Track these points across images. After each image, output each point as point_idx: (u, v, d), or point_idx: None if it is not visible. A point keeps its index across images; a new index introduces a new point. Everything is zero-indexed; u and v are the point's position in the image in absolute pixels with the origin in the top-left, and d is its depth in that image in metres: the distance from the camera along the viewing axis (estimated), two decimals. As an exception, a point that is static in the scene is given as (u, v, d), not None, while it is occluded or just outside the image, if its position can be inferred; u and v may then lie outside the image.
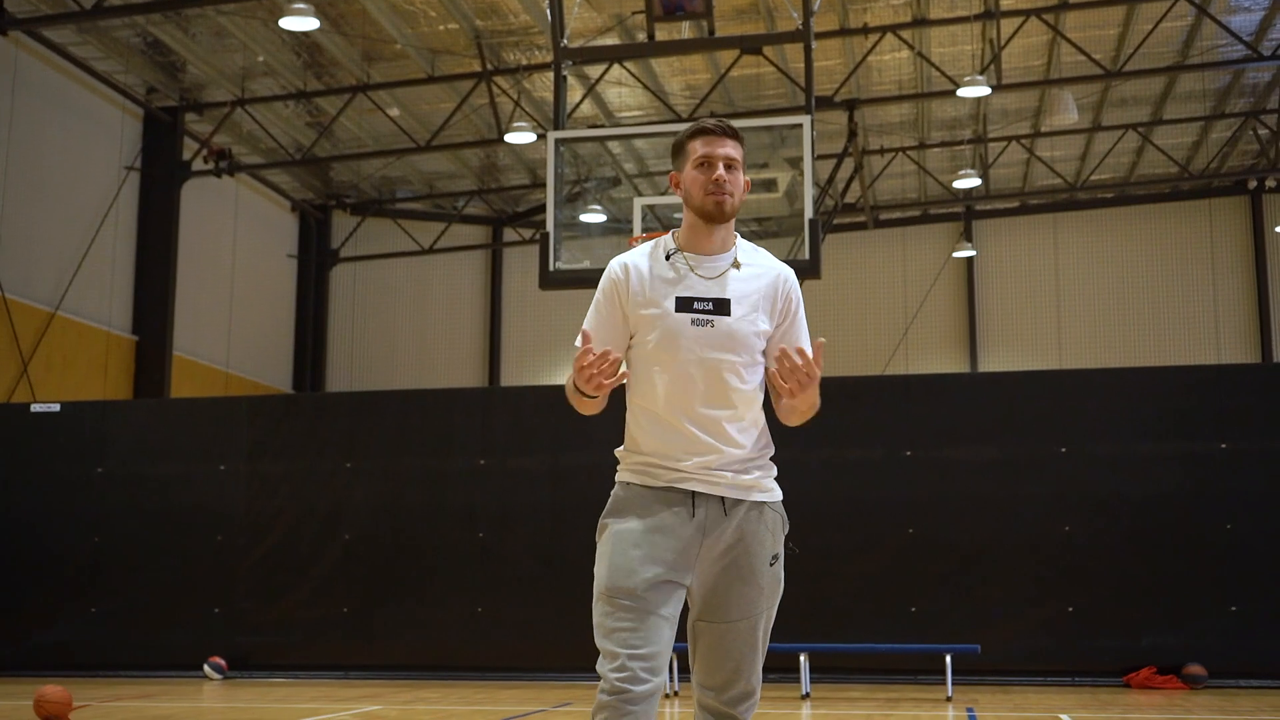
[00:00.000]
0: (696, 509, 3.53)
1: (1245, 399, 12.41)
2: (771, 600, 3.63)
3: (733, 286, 3.62)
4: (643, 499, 3.56)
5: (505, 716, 9.49)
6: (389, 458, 13.67)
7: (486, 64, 18.53)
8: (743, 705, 3.60)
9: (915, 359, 24.06)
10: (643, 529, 3.51)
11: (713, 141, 3.65)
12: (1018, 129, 21.70)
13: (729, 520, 3.55)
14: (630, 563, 3.47)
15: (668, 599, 3.48)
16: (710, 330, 3.55)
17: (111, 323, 19.44)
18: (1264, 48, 18.30)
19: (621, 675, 3.38)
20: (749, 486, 3.59)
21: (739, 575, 3.54)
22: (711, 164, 3.61)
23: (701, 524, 3.53)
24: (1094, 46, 18.29)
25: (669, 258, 3.66)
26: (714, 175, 3.60)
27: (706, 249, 3.67)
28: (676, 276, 3.62)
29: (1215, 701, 10.57)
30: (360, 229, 24.90)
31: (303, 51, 18.63)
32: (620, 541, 3.52)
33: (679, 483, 3.54)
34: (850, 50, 18.62)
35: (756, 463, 3.65)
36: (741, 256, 3.69)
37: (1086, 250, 24.57)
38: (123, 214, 19.65)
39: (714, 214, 3.62)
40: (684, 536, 3.51)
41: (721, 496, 3.55)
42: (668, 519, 3.52)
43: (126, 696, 11.09)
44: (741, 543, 3.55)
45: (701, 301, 3.59)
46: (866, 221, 23.71)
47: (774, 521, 3.64)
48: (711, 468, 3.54)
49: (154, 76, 19.36)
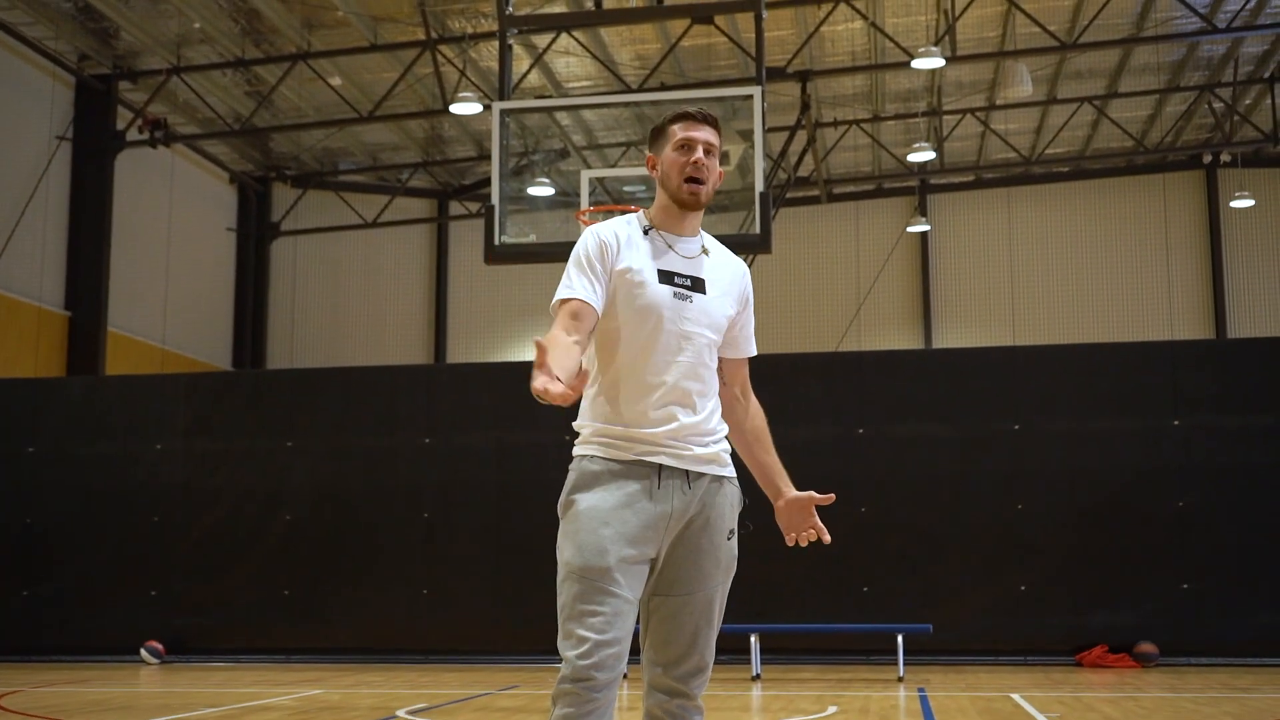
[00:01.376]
0: (663, 482, 3.54)
1: (1198, 375, 12.36)
2: (727, 575, 3.65)
3: (707, 269, 3.70)
4: (609, 473, 3.54)
5: (450, 700, 9.35)
6: (331, 436, 13.45)
7: (431, 32, 18.18)
8: (695, 680, 3.58)
9: (868, 335, 23.97)
10: (611, 505, 3.50)
11: (693, 126, 3.71)
12: (972, 101, 21.58)
13: (693, 494, 3.57)
14: (601, 541, 3.45)
15: (635, 579, 3.48)
16: (690, 305, 3.62)
17: (43, 297, 18.98)
18: (1219, 20, 18.22)
19: (588, 662, 3.35)
20: (711, 460, 3.62)
21: (699, 548, 3.56)
22: (691, 146, 3.67)
23: (668, 497, 3.54)
24: (1049, 18, 18.16)
25: (647, 233, 3.72)
26: (693, 157, 3.66)
27: (679, 230, 3.73)
28: (656, 251, 3.68)
29: (1166, 679, 10.58)
30: (301, 202, 24.47)
31: (241, 18, 18.19)
32: (589, 519, 3.50)
33: (647, 455, 3.55)
34: (803, 20, 18.40)
35: (717, 438, 3.68)
36: (708, 244, 3.79)
37: (1041, 225, 24.54)
38: (54, 185, 19.16)
39: (687, 201, 3.68)
40: (652, 512, 3.51)
41: (686, 470, 3.57)
42: (636, 494, 3.52)
43: (60, 682, 10.95)
44: (703, 515, 3.58)
45: (681, 277, 3.65)
46: (820, 195, 23.57)
47: (733, 496, 3.67)
48: (676, 439, 3.56)
49: (86, 43, 18.86)
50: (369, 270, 25.39)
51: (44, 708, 8.84)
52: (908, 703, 9.12)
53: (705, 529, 3.58)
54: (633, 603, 3.46)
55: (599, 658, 3.35)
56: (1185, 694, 9.46)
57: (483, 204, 23.13)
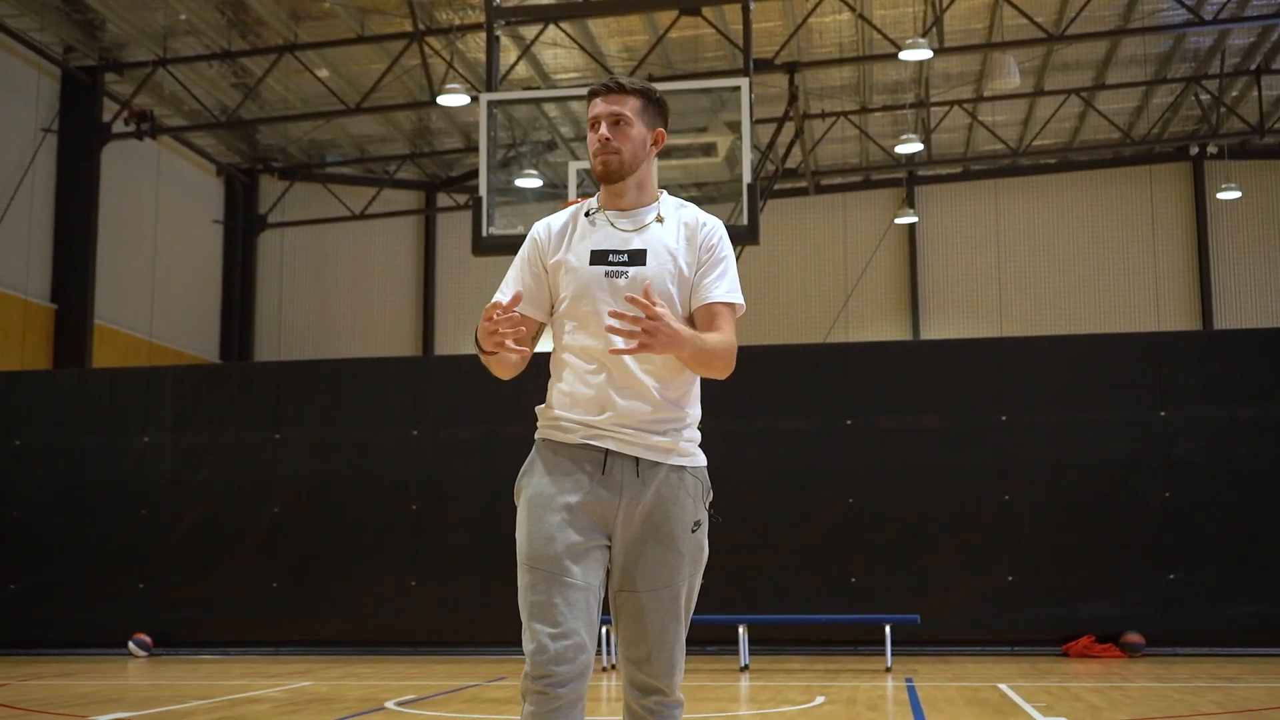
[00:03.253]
0: (609, 467, 3.44)
1: (1184, 366, 12.39)
2: (694, 568, 3.53)
3: (652, 238, 3.57)
4: (556, 457, 3.49)
5: (438, 691, 9.36)
6: (319, 429, 13.42)
7: (418, 24, 18.13)
8: (668, 679, 3.50)
9: (856, 327, 23.97)
10: (557, 490, 3.44)
11: (594, 104, 3.63)
12: (960, 93, 21.58)
13: (645, 484, 3.45)
14: (548, 529, 3.41)
15: (589, 565, 3.41)
16: (625, 281, 3.49)
17: (29, 290, 18.91)
18: (1205, 11, 18.25)
19: (546, 657, 3.30)
20: (666, 449, 3.48)
21: (658, 541, 3.45)
22: (595, 124, 3.61)
23: (617, 483, 3.44)
24: (1036, 9, 18.16)
25: (589, 215, 3.64)
26: (596, 136, 3.59)
27: (621, 205, 3.63)
28: (594, 232, 3.60)
29: (1153, 669, 10.60)
30: (288, 194, 24.40)
31: (227, 9, 18.12)
32: (535, 505, 3.46)
33: (591, 439, 3.46)
34: (791, 12, 18.39)
35: (675, 424, 3.53)
36: (665, 211, 3.64)
37: (1028, 216, 24.57)
38: (40, 178, 19.08)
39: (601, 175, 3.60)
40: (599, 496, 3.43)
41: (636, 457, 3.46)
42: (581, 479, 3.45)
43: (47, 675, 10.91)
44: (660, 508, 3.46)
45: (617, 254, 3.54)
46: (807, 187, 23.57)
47: (695, 487, 3.53)
48: (625, 425, 3.45)
49: (71, 34, 18.78)
50: (357, 262, 25.32)
51: (32, 701, 8.82)
52: (895, 693, 9.13)
53: (666, 521, 3.46)
54: (589, 587, 3.38)
55: (555, 651, 3.29)
56: (1171, 684, 9.48)
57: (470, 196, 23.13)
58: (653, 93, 3.65)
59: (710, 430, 12.31)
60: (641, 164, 3.60)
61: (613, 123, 3.58)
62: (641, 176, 3.62)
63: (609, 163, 3.57)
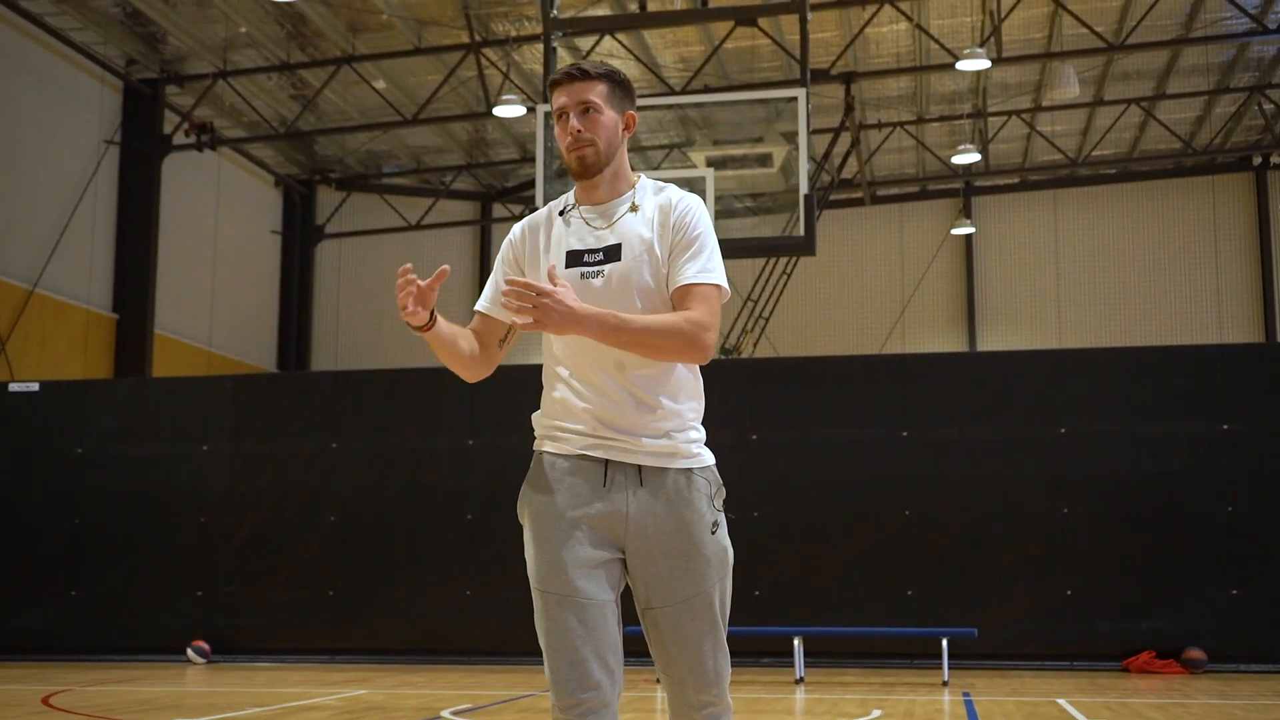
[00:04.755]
0: (610, 478, 3.27)
1: (1247, 379, 12.21)
2: (722, 571, 3.33)
3: (627, 229, 3.37)
4: (554, 469, 3.33)
5: (493, 700, 9.34)
6: (374, 438, 13.47)
7: (475, 35, 18.23)
8: (714, 689, 3.33)
9: (912, 338, 23.83)
10: (559, 506, 3.28)
11: (564, 91, 3.40)
12: (1018, 103, 21.42)
13: (652, 494, 3.27)
14: (555, 550, 3.26)
15: (602, 581, 3.25)
16: (601, 282, 3.30)
17: (91, 300, 19.15)
18: (1270, 20, 18.02)
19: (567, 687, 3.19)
20: (669, 453, 3.29)
21: (680, 551, 3.26)
22: (565, 115, 3.38)
23: (622, 495, 3.27)
24: (1096, 19, 18.01)
25: (564, 214, 3.46)
26: (566, 129, 3.38)
27: (595, 199, 3.43)
28: (570, 231, 3.42)
29: (1215, 686, 10.44)
30: (345, 204, 24.58)
31: (286, 22, 18.30)
32: (540, 526, 3.31)
33: (588, 449, 3.29)
34: (847, 22, 18.33)
35: (674, 424, 3.33)
36: (639, 198, 3.43)
37: (1087, 227, 24.34)
38: (102, 189, 19.33)
39: (577, 171, 3.39)
40: (604, 510, 3.26)
41: (638, 465, 3.28)
42: (583, 492, 3.28)
43: (108, 681, 11.00)
44: (674, 515, 3.27)
45: (592, 253, 3.35)
46: (863, 198, 23.47)
47: (705, 488, 3.34)
48: (621, 432, 3.28)
49: (134, 48, 19.03)
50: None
51: (92, 706, 8.90)
52: (952, 707, 9.05)
53: (682, 529, 3.27)
54: (605, 604, 3.22)
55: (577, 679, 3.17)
56: (1234, 701, 9.33)
57: (526, 206, 23.24)
58: (618, 74, 3.45)
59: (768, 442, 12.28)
60: (616, 152, 3.41)
61: (581, 112, 3.37)
62: (617, 165, 3.42)
63: (585, 156, 3.36)
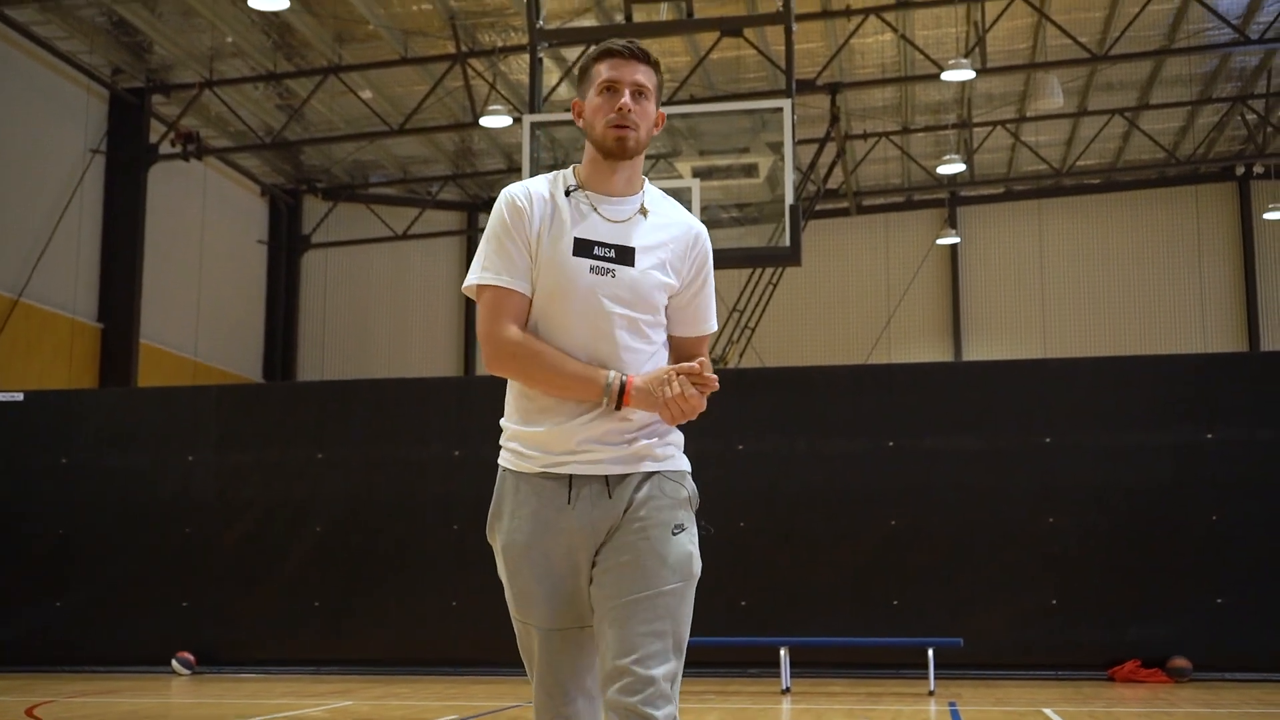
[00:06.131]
0: (576, 494, 3.10)
1: (1232, 388, 12.26)
2: (681, 578, 3.06)
3: (639, 235, 3.15)
4: (520, 490, 3.16)
5: (479, 712, 9.34)
6: (362, 448, 13.46)
7: (461, 45, 18.24)
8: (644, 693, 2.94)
9: (898, 348, 23.89)
10: (526, 536, 3.13)
11: (621, 65, 3.16)
12: (1003, 113, 21.51)
13: (614, 499, 3.09)
14: (526, 580, 3.17)
15: (577, 603, 3.15)
16: (610, 280, 3.09)
17: (76, 309, 19.11)
18: (1252, 31, 18.12)
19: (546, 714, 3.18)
20: (639, 456, 3.11)
21: (637, 548, 3.05)
22: (617, 90, 3.14)
23: (586, 511, 3.09)
24: (1080, 29, 18.09)
25: (569, 194, 3.18)
26: (618, 102, 3.12)
27: (609, 188, 3.19)
28: (577, 216, 3.14)
29: (1200, 695, 10.48)
30: (332, 214, 24.57)
31: (273, 32, 18.30)
32: (510, 556, 3.19)
33: (554, 467, 3.11)
34: (832, 33, 18.38)
35: (649, 429, 3.14)
36: (649, 203, 3.22)
37: (1072, 237, 24.43)
38: (88, 198, 19.30)
39: (614, 150, 3.14)
40: (570, 529, 3.10)
41: (605, 476, 3.10)
42: (549, 515, 3.11)
43: (91, 692, 10.97)
44: (635, 514, 3.08)
45: (603, 246, 3.12)
46: (849, 207, 23.52)
47: (674, 490, 3.14)
48: (595, 439, 3.09)
49: (120, 57, 19.01)
50: (399, 282, 25.45)
51: (75, 718, 8.88)
52: (938, 717, 9.07)
53: (641, 527, 3.07)
54: (578, 629, 3.16)
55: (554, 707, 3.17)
56: (1219, 709, 9.37)
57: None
58: (660, 68, 3.24)
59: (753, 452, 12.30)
60: (647, 146, 3.21)
61: (635, 92, 3.15)
62: (639, 160, 3.23)
63: (627, 138, 3.12)
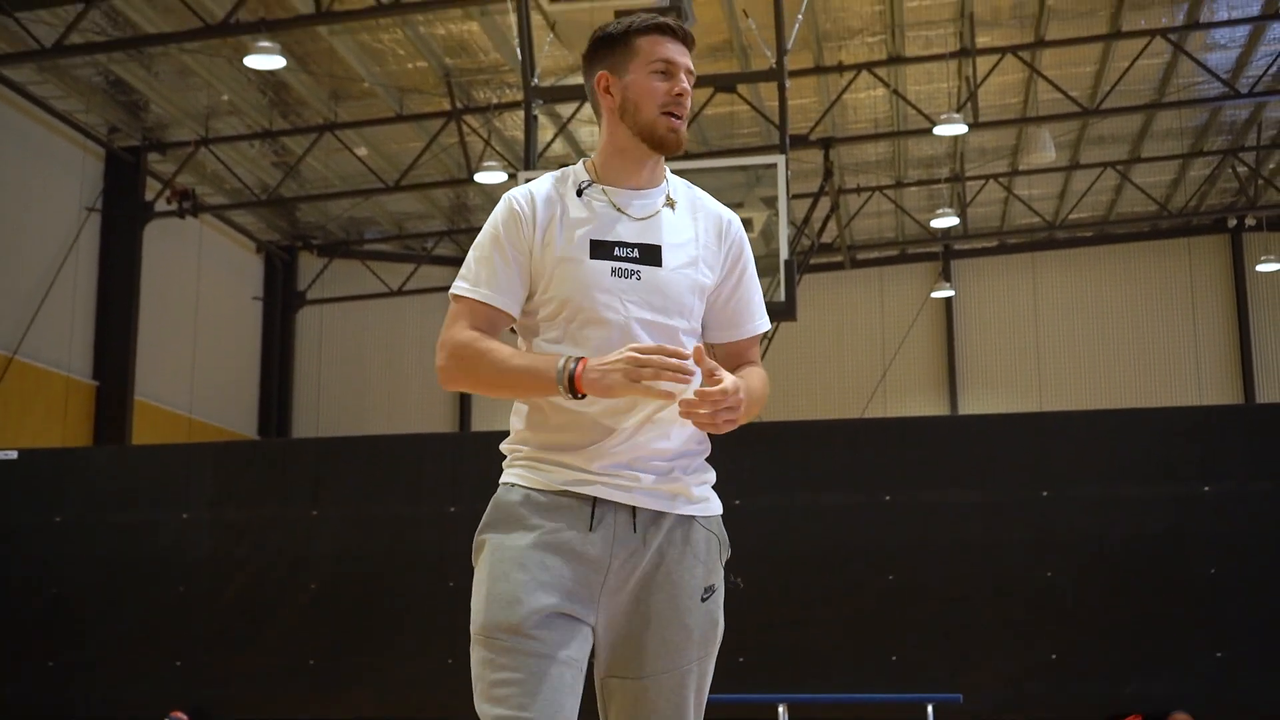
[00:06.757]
0: (599, 520, 2.72)
1: (1228, 441, 12.22)
2: (704, 649, 2.78)
3: (666, 230, 2.82)
4: (530, 505, 2.78)
5: (472, 775, 9.17)
6: (356, 505, 13.38)
7: (456, 102, 18.33)
8: None
9: (894, 401, 23.85)
10: (529, 545, 2.71)
11: (675, 46, 2.82)
12: (995, 167, 21.60)
13: (644, 540, 2.73)
14: (514, 589, 2.67)
15: (567, 638, 2.69)
16: (636, 284, 2.75)
17: (71, 367, 19.07)
18: (1241, 85, 18.25)
19: None
20: (673, 494, 2.77)
21: (659, 614, 2.72)
22: (673, 72, 2.80)
23: (608, 543, 2.72)
24: (1071, 84, 18.21)
25: (581, 193, 2.85)
26: (678, 87, 2.79)
27: (634, 182, 2.86)
28: (591, 215, 2.81)
29: (1204, 751, 10.36)
30: (327, 270, 24.58)
31: (268, 90, 18.38)
32: (500, 562, 2.73)
33: (577, 485, 2.74)
34: (825, 88, 18.49)
35: (686, 463, 2.81)
36: (675, 193, 2.89)
37: (1066, 290, 24.48)
38: (83, 256, 19.30)
39: (666, 141, 2.79)
40: (585, 557, 2.71)
41: (633, 507, 2.74)
42: (563, 533, 2.72)
43: (81, 755, 10.79)
44: (662, 570, 2.73)
45: (625, 247, 2.78)
46: (843, 261, 23.57)
47: (707, 543, 2.80)
48: (624, 464, 2.74)
49: (116, 115, 19.08)
50: (394, 338, 25.43)
51: (67, 780, 8.76)
52: (939, 774, 8.97)
53: (667, 588, 2.73)
54: (566, 663, 2.66)
55: None
56: (1222, 765, 9.27)
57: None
58: None
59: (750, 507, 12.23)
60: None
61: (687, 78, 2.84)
62: None
63: (681, 130, 2.81)
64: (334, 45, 17.01)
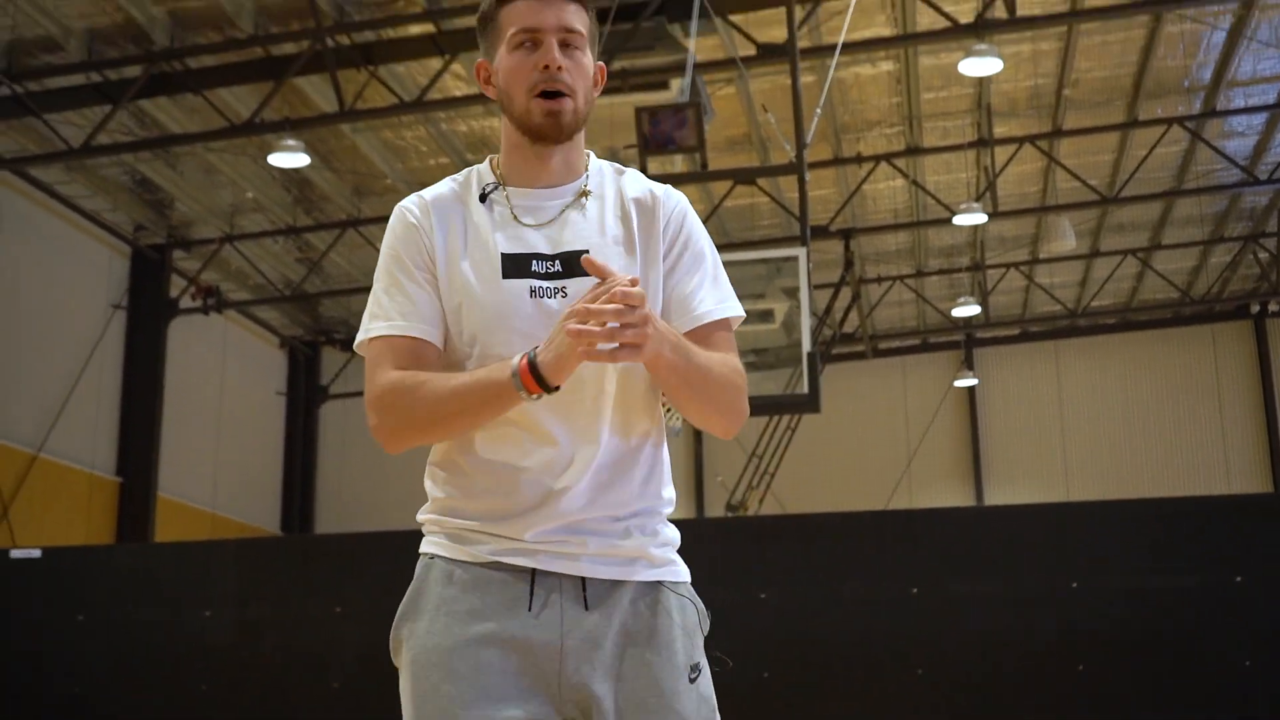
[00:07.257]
0: (538, 597, 2.25)
1: (1259, 529, 12.06)
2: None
3: (588, 230, 2.33)
4: (454, 585, 2.30)
5: None
6: (380, 601, 13.16)
7: (478, 197, 18.46)
8: None
9: (919, 491, 23.70)
10: (455, 644, 2.26)
11: (527, 8, 2.29)
12: (1016, 256, 21.63)
13: (602, 617, 2.25)
14: (445, 707, 2.22)
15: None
16: (562, 302, 2.25)
17: (95, 464, 19.11)
18: (1260, 171, 18.28)
19: None
20: (631, 557, 2.28)
21: (643, 707, 2.23)
22: (538, 40, 2.30)
23: (555, 622, 2.24)
24: (1089, 172, 18.27)
25: (485, 198, 2.37)
26: (544, 59, 2.28)
27: (542, 180, 2.38)
28: (498, 224, 2.33)
29: None
30: (350, 365, 24.69)
31: (292, 187, 18.58)
32: (424, 670, 2.29)
33: (508, 555, 2.27)
34: (844, 179, 18.60)
35: (642, 522, 2.32)
36: (595, 183, 2.41)
37: (1090, 377, 24.38)
38: (108, 353, 19.44)
39: (545, 129, 2.31)
40: (529, 645, 2.24)
41: (582, 578, 2.26)
42: (496, 621, 2.25)
43: None
44: (634, 654, 2.24)
45: (543, 260, 2.29)
46: (865, 351, 23.55)
47: (682, 611, 2.33)
48: (567, 529, 2.26)
49: (142, 214, 19.29)
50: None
51: None
52: None
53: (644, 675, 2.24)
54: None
55: None
56: None
57: (530, 365, 23.30)
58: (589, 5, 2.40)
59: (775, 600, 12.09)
60: (588, 115, 2.39)
61: (563, 43, 2.32)
62: (580, 136, 2.42)
63: (562, 111, 2.30)
64: (357, 142, 17.21)
